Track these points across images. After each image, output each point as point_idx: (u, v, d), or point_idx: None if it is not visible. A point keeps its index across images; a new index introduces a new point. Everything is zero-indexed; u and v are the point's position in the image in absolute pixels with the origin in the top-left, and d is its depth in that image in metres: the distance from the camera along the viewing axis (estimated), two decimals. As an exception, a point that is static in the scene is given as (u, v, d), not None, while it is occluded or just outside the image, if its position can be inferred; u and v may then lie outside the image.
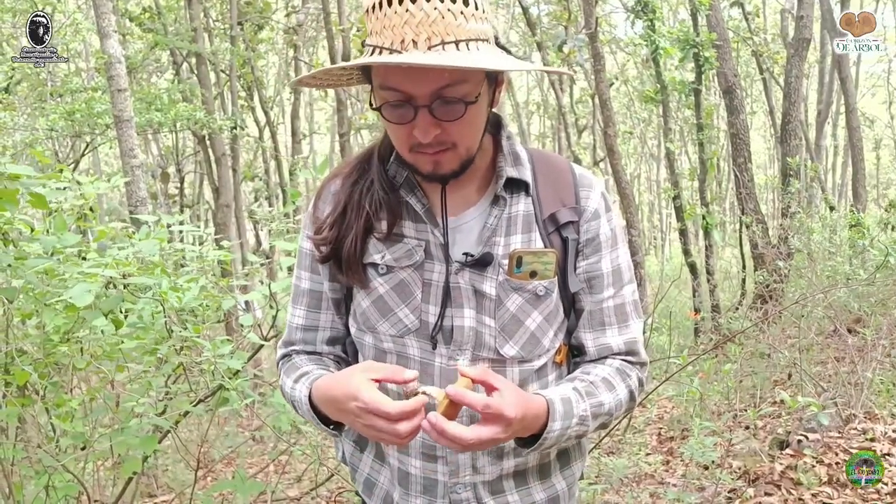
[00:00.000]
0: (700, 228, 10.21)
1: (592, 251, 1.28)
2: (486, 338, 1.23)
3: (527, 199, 1.27)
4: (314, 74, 1.17)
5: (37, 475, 2.57)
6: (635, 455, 4.65)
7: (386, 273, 1.25)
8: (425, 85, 1.09)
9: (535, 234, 1.25)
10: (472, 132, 1.17)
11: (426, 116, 1.11)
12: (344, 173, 1.32)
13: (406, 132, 1.14)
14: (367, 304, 1.27)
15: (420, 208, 1.25)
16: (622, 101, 20.65)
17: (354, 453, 1.39)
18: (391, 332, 1.26)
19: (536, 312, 1.25)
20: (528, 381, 1.26)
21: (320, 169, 2.68)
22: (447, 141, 1.14)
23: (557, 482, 1.34)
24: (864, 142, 13.52)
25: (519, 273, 1.22)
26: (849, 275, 6.04)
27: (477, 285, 1.23)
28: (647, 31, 8.65)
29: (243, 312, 3.72)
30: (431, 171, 1.18)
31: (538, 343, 1.26)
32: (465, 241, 1.25)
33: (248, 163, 15.66)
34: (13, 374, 2.45)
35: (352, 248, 1.25)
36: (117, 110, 5.13)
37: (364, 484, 1.38)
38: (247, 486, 2.63)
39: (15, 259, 2.17)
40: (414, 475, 1.28)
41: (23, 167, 2.14)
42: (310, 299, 1.36)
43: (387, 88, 1.12)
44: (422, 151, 1.15)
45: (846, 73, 10.98)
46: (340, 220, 1.27)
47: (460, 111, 1.11)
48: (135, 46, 12.50)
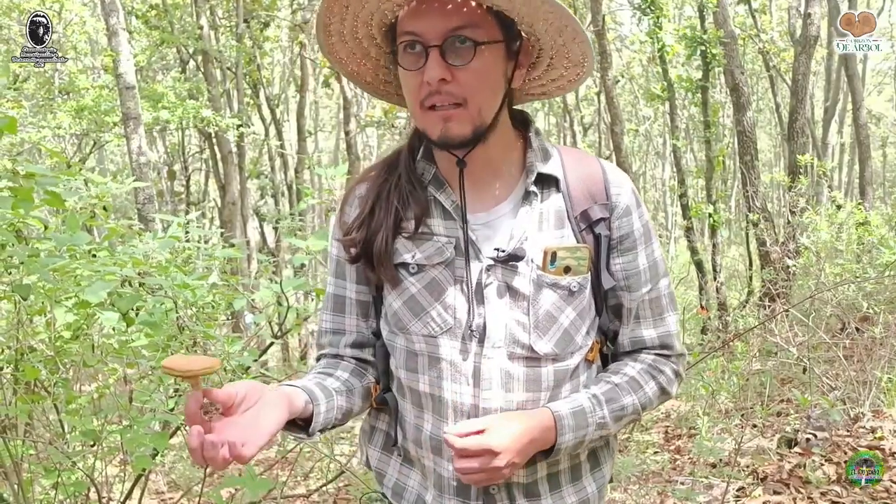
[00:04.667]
0: (707, 227, 10.19)
1: (627, 248, 1.28)
2: (520, 334, 1.22)
3: (557, 195, 1.26)
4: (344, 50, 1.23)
5: (46, 472, 2.58)
6: (642, 453, 4.65)
7: (417, 272, 1.24)
8: (438, 23, 1.11)
9: (566, 230, 1.25)
10: (483, 88, 1.16)
11: (435, 56, 1.12)
12: (371, 177, 1.32)
13: (417, 82, 1.15)
14: (399, 304, 1.26)
15: (449, 205, 1.24)
16: (627, 98, 20.62)
17: (381, 458, 1.37)
18: (423, 333, 1.24)
19: (570, 309, 1.24)
20: (562, 382, 1.25)
21: (339, 170, 2.68)
22: (457, 94, 1.14)
23: (588, 484, 1.32)
24: (871, 139, 13.47)
25: (553, 268, 1.21)
26: (857, 273, 6.02)
27: (509, 281, 1.22)
28: (654, 28, 8.63)
29: (248, 312, 3.73)
30: (441, 134, 1.16)
31: (571, 340, 1.24)
32: (496, 237, 1.24)
33: (254, 160, 15.67)
34: (23, 370, 2.46)
35: (382, 245, 1.24)
36: (125, 108, 5.15)
37: (393, 489, 1.36)
38: (256, 484, 2.63)
39: (27, 257, 2.17)
40: (447, 477, 1.26)
41: (38, 167, 2.15)
42: (334, 304, 1.36)
43: (403, 34, 1.14)
44: (432, 108, 1.15)
45: (853, 71, 10.94)
46: (369, 219, 1.26)
47: (470, 54, 1.12)
48: (141, 44, 12.52)
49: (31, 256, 2.20)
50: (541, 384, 1.23)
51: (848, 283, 5.74)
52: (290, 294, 2.80)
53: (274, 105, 14.61)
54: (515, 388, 1.21)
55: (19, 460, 2.50)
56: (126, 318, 2.44)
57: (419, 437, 1.28)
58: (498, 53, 1.17)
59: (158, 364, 2.64)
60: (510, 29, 1.17)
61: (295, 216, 3.00)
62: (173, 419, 2.60)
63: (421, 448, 1.29)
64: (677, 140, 10.19)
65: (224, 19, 12.80)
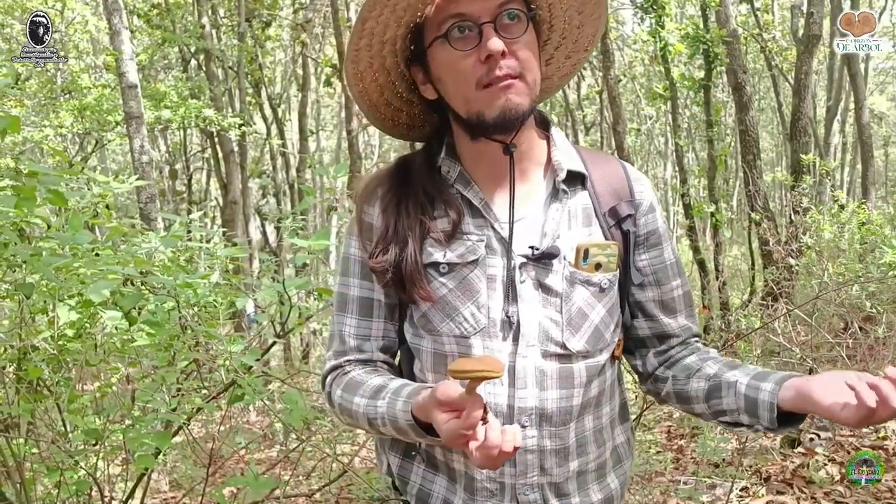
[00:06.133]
0: (709, 226, 10.17)
1: (654, 244, 1.30)
2: (554, 332, 1.21)
3: (584, 193, 1.27)
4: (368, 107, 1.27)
5: (48, 471, 2.58)
6: (645, 453, 4.64)
7: (448, 272, 1.22)
8: (486, 1, 1.12)
9: (594, 227, 1.26)
10: (534, 61, 1.17)
11: (491, 30, 1.12)
12: (387, 183, 1.30)
13: (472, 63, 1.14)
14: (428, 306, 1.23)
15: (478, 202, 1.23)
16: (629, 97, 20.60)
17: (403, 465, 1.35)
18: (455, 334, 1.22)
19: (601, 305, 1.24)
20: (593, 379, 1.25)
21: (339, 169, 2.67)
22: (514, 67, 1.14)
23: (611, 481, 1.33)
24: (873, 139, 13.45)
25: (585, 265, 1.22)
26: (859, 272, 6.00)
27: (542, 279, 1.22)
28: (656, 27, 8.61)
29: (250, 311, 3.73)
30: (503, 105, 1.14)
31: (601, 336, 1.25)
32: (527, 235, 1.23)
33: (256, 159, 15.67)
34: (26, 369, 2.46)
35: (412, 262, 1.21)
36: (128, 107, 5.14)
37: (417, 496, 1.33)
38: (258, 483, 2.62)
39: (30, 256, 2.17)
40: (480, 479, 1.24)
41: (41, 165, 2.15)
42: (360, 307, 1.30)
43: (447, 19, 1.14)
44: (491, 83, 1.14)
45: (856, 70, 10.91)
46: (394, 238, 1.23)
47: (522, 27, 1.14)
48: (143, 43, 12.52)
49: (34, 255, 2.20)
50: (573, 381, 1.22)
51: (851, 283, 5.72)
52: (293, 293, 2.79)
53: (276, 104, 14.60)
54: (549, 386, 1.21)
55: (21, 459, 2.50)
56: (128, 317, 2.44)
57: None
58: (533, 30, 1.19)
59: (161, 363, 2.64)
60: (530, 9, 1.19)
61: (296, 215, 2.99)
62: (175, 418, 2.60)
63: (451, 451, 1.26)
64: (679, 139, 10.17)
65: (226, 18, 12.79)
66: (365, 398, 1.21)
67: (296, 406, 2.78)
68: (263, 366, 3.64)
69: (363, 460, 4.44)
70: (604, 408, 1.30)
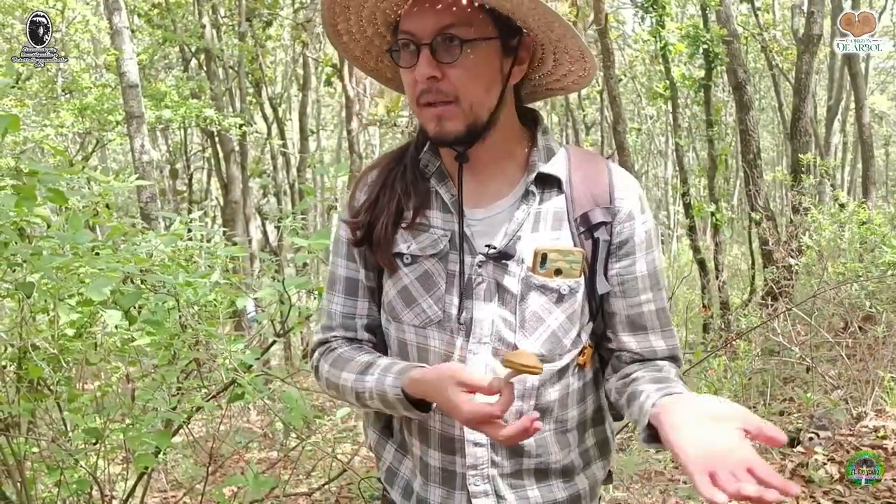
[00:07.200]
0: (709, 225, 10.18)
1: (626, 253, 1.26)
2: (506, 332, 1.22)
3: (559, 196, 1.25)
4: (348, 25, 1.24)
5: (49, 470, 2.58)
6: (645, 452, 4.64)
7: (411, 263, 1.26)
8: (429, 23, 1.14)
9: (564, 231, 1.24)
10: (474, 85, 1.17)
11: (425, 54, 1.14)
12: (381, 164, 1.35)
13: (411, 79, 1.17)
14: (394, 293, 1.28)
15: (448, 198, 1.25)
16: (629, 97, 20.59)
17: (380, 442, 1.39)
18: (414, 323, 1.26)
19: (559, 311, 1.23)
20: (547, 383, 1.24)
21: (339, 169, 2.68)
22: (448, 91, 1.16)
23: (580, 481, 1.32)
24: (874, 138, 13.45)
25: (543, 270, 1.21)
26: (859, 272, 6.01)
27: (499, 279, 1.22)
28: (657, 26, 8.62)
29: (251, 311, 3.73)
30: (436, 129, 1.19)
31: (559, 342, 1.24)
32: (492, 234, 1.24)
33: (257, 159, 15.66)
34: (26, 368, 2.46)
35: (382, 230, 1.26)
36: (128, 106, 5.15)
37: (387, 472, 1.38)
38: (258, 482, 2.63)
39: (30, 255, 2.17)
40: (433, 466, 1.28)
41: (41, 165, 2.15)
42: (346, 286, 1.36)
43: (400, 34, 1.18)
44: (427, 103, 1.17)
45: (857, 69, 10.92)
46: (374, 204, 1.29)
47: (457, 52, 1.14)
48: (143, 43, 12.52)
49: (35, 254, 2.21)
50: (525, 381, 1.22)
51: (850, 282, 5.73)
52: (293, 293, 2.80)
53: (276, 104, 14.60)
54: None
55: (22, 458, 2.51)
56: (128, 316, 2.45)
57: (410, 424, 1.30)
58: (491, 50, 1.17)
59: (161, 362, 2.65)
60: (507, 25, 1.18)
61: (297, 215, 3.00)
62: (176, 418, 2.60)
63: (411, 435, 1.30)
64: (680, 139, 10.18)
65: (226, 18, 12.79)
66: (353, 373, 1.27)
67: (296, 405, 2.79)
68: (263, 365, 3.65)
69: (363, 459, 4.45)
70: (569, 412, 1.28)
